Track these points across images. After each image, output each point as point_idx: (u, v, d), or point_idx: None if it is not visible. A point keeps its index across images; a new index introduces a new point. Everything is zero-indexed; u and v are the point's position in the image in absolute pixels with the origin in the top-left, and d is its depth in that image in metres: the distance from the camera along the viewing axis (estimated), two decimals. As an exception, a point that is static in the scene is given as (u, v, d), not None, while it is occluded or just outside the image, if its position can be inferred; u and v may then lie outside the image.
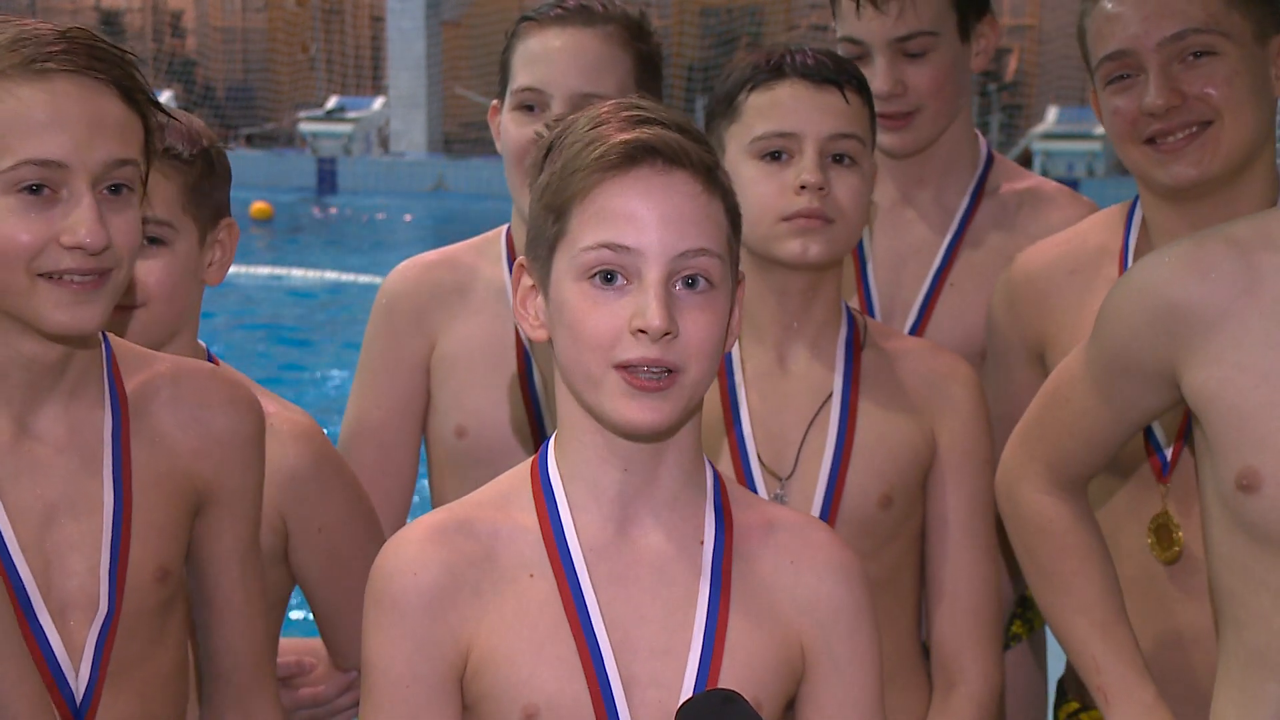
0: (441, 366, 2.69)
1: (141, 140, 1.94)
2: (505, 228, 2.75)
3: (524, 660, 1.81)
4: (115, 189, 1.91)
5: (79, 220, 1.87)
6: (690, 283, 1.78)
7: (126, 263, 1.93)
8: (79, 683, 1.98)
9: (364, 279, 11.87)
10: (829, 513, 2.35)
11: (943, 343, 2.67)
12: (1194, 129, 2.33)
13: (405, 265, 2.77)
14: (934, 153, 2.91)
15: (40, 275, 1.88)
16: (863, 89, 2.38)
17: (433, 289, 2.70)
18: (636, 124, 1.79)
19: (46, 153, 1.86)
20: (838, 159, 2.34)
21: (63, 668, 1.97)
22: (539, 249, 1.83)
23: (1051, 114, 15.35)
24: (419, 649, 1.82)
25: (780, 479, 2.38)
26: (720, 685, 1.81)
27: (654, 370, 1.76)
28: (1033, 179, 2.98)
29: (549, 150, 1.84)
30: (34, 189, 1.86)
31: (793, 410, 2.40)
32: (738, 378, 2.42)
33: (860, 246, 2.90)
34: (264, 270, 12.02)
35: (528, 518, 1.87)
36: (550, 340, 1.85)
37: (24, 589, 1.95)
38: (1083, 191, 3.21)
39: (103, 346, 2.04)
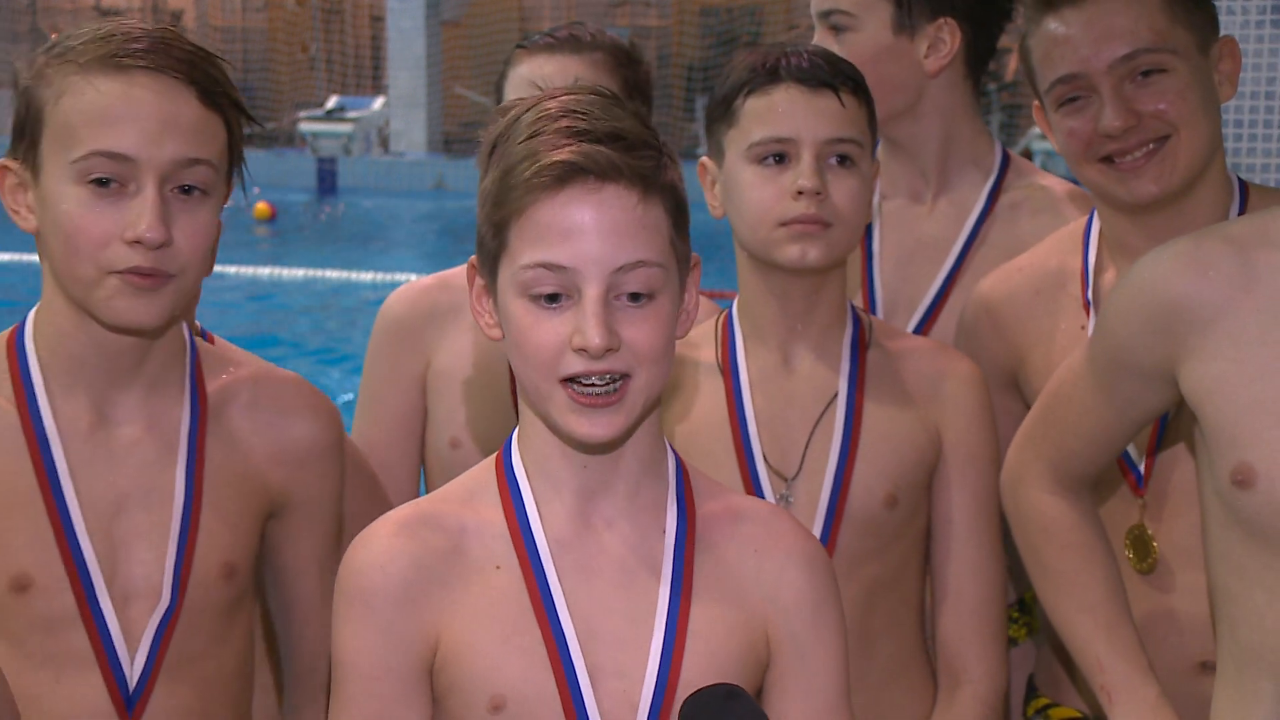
0: (437, 382, 2.75)
1: (222, 143, 1.97)
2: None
3: (491, 651, 1.82)
4: (187, 189, 1.94)
5: (139, 215, 1.90)
6: (632, 296, 1.78)
7: (192, 265, 1.96)
8: (133, 670, 2.01)
9: (363, 278, 11.87)
10: (834, 512, 2.36)
11: (946, 341, 2.68)
12: (1151, 145, 2.35)
13: (403, 289, 2.84)
14: (942, 149, 2.91)
15: (107, 271, 1.92)
16: (859, 90, 2.38)
17: (428, 310, 2.78)
18: (569, 137, 1.77)
19: (115, 145, 1.90)
20: (838, 161, 2.35)
21: (119, 654, 2.01)
22: (484, 258, 1.84)
23: (1052, 114, 15.31)
24: (388, 641, 1.83)
25: (786, 479, 2.39)
26: (683, 674, 1.82)
27: (602, 381, 1.77)
28: (1045, 179, 2.97)
29: (493, 148, 1.84)
30: (103, 182, 1.90)
31: (798, 410, 2.41)
32: (743, 378, 2.42)
33: (868, 242, 2.91)
34: (263, 270, 12.01)
35: (493, 512, 1.88)
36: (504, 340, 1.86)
37: (87, 573, 1.99)
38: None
39: (188, 346, 2.09)
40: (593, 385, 1.78)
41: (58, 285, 2.00)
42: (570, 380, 1.78)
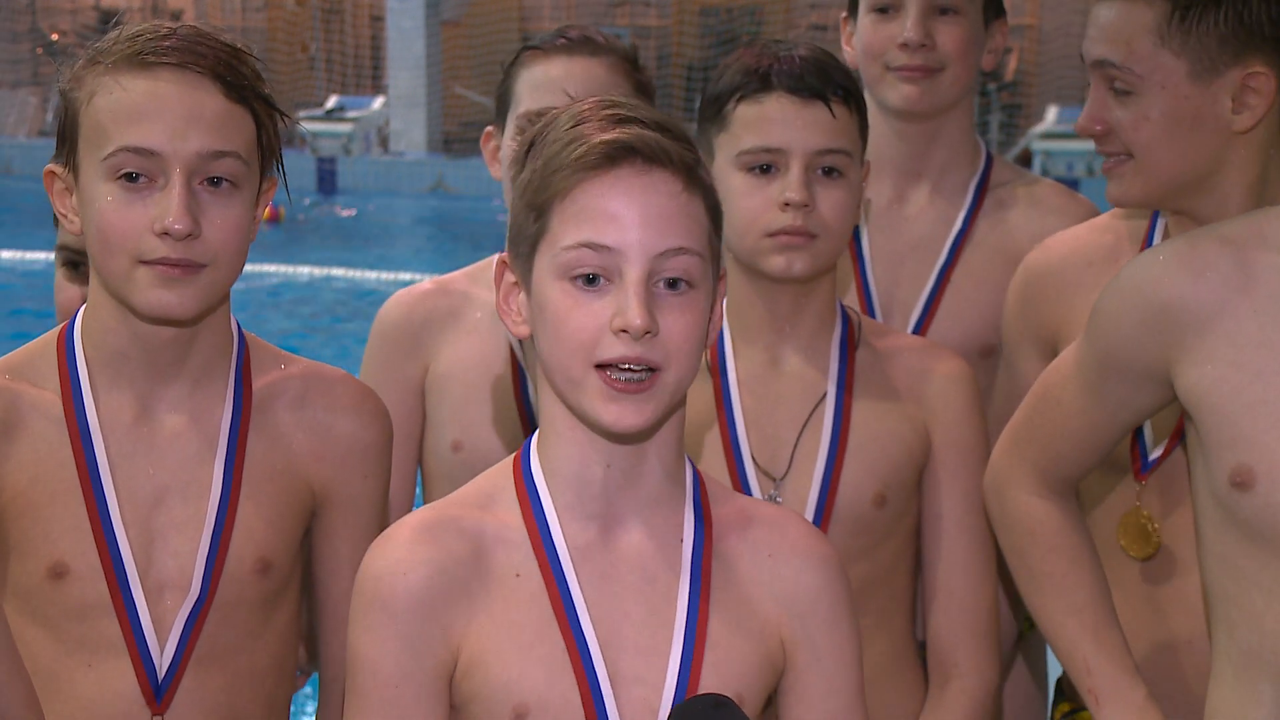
0: (436, 385, 2.74)
1: (250, 136, 2.02)
2: (498, 255, 2.80)
3: (513, 660, 1.82)
4: (216, 182, 1.98)
5: (167, 207, 1.94)
6: (671, 283, 1.78)
7: (224, 255, 2.00)
8: (163, 660, 2.05)
9: (363, 278, 11.87)
10: (823, 512, 2.36)
11: (942, 341, 2.67)
12: (1121, 156, 2.31)
13: (400, 294, 2.83)
14: (932, 151, 2.93)
15: (140, 262, 1.96)
16: (849, 98, 2.37)
17: (426, 315, 2.76)
18: (617, 123, 1.80)
19: (141, 140, 1.95)
20: (825, 172, 2.34)
21: (149, 645, 2.05)
22: (520, 246, 1.84)
23: (1051, 113, 15.33)
24: (409, 649, 1.82)
25: (774, 479, 2.39)
26: (702, 681, 1.82)
27: (635, 370, 1.77)
28: (1031, 179, 2.99)
29: (530, 146, 1.85)
30: (132, 177, 1.95)
31: (786, 410, 2.41)
32: (731, 378, 2.42)
33: (858, 245, 2.92)
34: (263, 269, 12.02)
35: (512, 517, 1.87)
36: (533, 337, 1.86)
37: (121, 563, 2.04)
38: (1082, 191, 3.22)
39: (236, 342, 2.13)
40: (627, 371, 1.77)
41: (100, 282, 2.05)
42: (604, 366, 1.77)
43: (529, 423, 2.65)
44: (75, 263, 2.61)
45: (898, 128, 2.92)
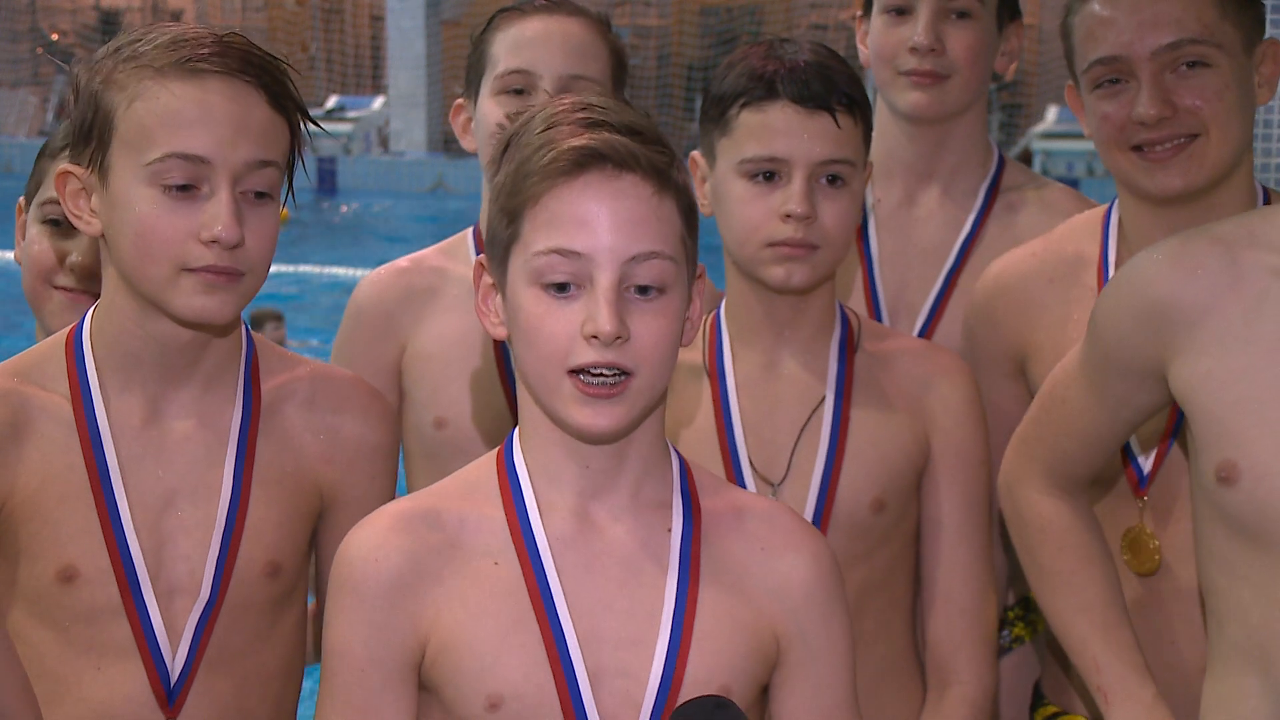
0: (416, 364, 2.71)
1: (287, 145, 2.02)
2: (471, 228, 2.80)
3: (487, 649, 1.83)
4: (260, 193, 1.98)
5: (215, 215, 1.94)
6: (642, 289, 1.79)
7: (260, 264, 2.01)
8: (174, 664, 2.06)
9: (362, 277, 11.86)
10: (821, 517, 2.35)
11: (948, 345, 2.66)
12: (1181, 140, 2.32)
13: (374, 273, 2.80)
14: (943, 153, 2.91)
15: (183, 269, 1.96)
16: (854, 108, 2.34)
17: (402, 294, 2.74)
18: (587, 127, 1.80)
19: (191, 147, 1.94)
20: (829, 180, 2.32)
21: (161, 648, 2.05)
22: (495, 250, 1.85)
23: (1051, 113, 15.35)
24: (377, 634, 1.84)
25: (772, 484, 2.37)
26: (689, 673, 1.83)
27: (607, 374, 1.78)
28: (1043, 183, 2.97)
29: (507, 146, 1.86)
30: (181, 186, 1.94)
31: (784, 414, 2.39)
32: (729, 381, 2.41)
33: (866, 246, 2.90)
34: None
35: (493, 508, 1.89)
36: (509, 339, 1.87)
37: (133, 566, 2.04)
38: (1083, 191, 3.21)
39: (244, 345, 2.13)
40: (600, 375, 1.78)
41: (123, 285, 2.04)
42: (578, 372, 1.78)
43: (513, 397, 2.62)
44: (58, 220, 2.57)
45: (908, 130, 2.90)
